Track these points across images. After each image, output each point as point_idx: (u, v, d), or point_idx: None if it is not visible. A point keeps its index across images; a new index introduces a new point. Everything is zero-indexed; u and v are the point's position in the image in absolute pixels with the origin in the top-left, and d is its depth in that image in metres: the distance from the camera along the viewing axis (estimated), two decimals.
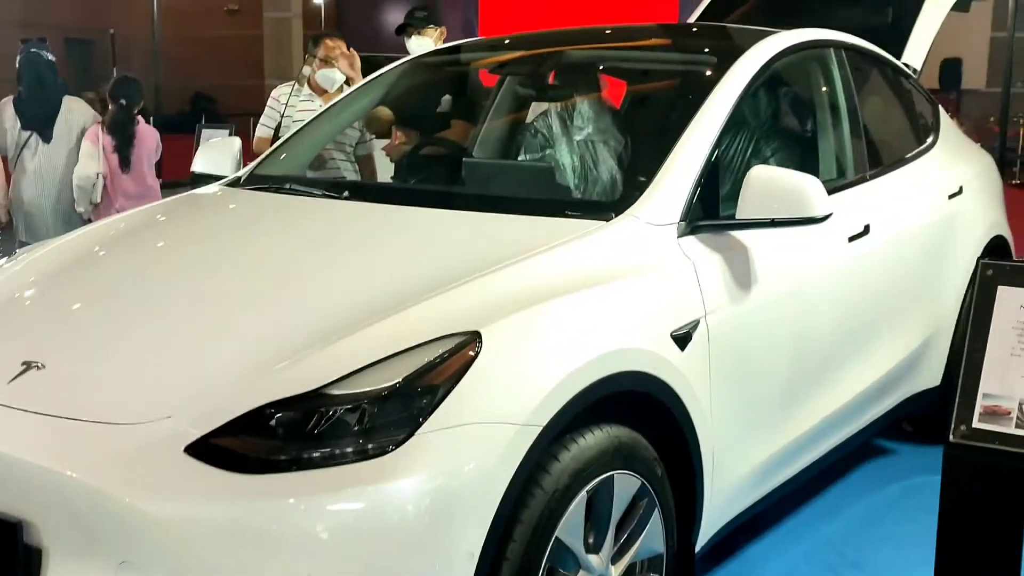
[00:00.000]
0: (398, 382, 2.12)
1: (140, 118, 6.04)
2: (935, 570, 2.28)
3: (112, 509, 2.05)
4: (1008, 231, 4.65)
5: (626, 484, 2.47)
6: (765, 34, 3.50)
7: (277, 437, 2.10)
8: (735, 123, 3.18)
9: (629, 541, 2.53)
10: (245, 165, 3.73)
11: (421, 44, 5.37)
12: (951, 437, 2.22)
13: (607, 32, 4.18)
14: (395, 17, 25.82)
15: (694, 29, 4.54)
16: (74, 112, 5.92)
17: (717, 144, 3.01)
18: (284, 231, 3.01)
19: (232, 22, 26.21)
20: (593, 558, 2.41)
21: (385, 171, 4.98)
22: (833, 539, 3.61)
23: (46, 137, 5.79)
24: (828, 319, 3.36)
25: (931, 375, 4.15)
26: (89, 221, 5.60)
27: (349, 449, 2.07)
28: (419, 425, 2.09)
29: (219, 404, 2.13)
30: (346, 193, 3.26)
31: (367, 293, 2.44)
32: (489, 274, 2.44)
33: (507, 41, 4.30)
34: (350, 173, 5.03)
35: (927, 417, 4.30)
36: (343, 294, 2.47)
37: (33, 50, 5.97)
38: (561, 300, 2.40)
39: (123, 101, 5.94)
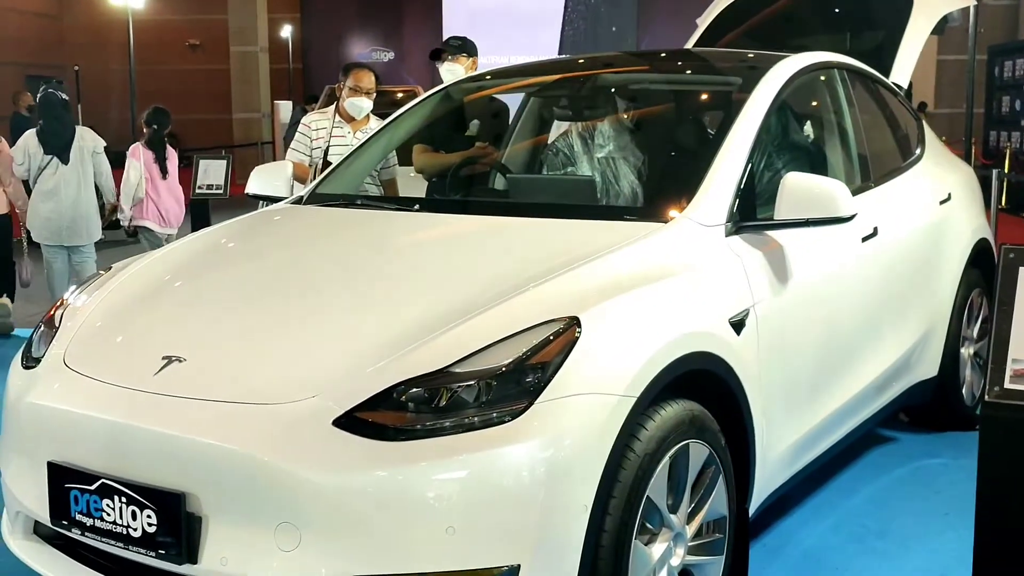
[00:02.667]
0: (512, 360, 2.44)
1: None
2: (976, 519, 2.60)
3: (271, 477, 2.34)
4: (990, 235, 5.07)
5: (698, 452, 2.79)
6: (780, 58, 3.88)
7: (410, 410, 2.40)
8: (761, 136, 3.53)
9: (700, 503, 2.86)
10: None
11: (452, 70, 5.69)
12: (986, 397, 2.56)
13: (641, 56, 4.55)
14: (358, 48, 26.29)
15: (715, 54, 4.92)
16: (86, 139, 7.37)
17: (751, 154, 3.37)
18: (377, 237, 3.33)
19: (197, 57, 26.42)
20: (674, 517, 2.74)
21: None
22: (855, 513, 3.95)
23: (64, 160, 7.22)
24: (848, 311, 3.72)
25: (929, 366, 4.52)
26: (115, 220, 7.81)
27: (475, 419, 2.37)
28: (534, 397, 2.40)
29: (358, 384, 2.43)
30: (417, 206, 3.58)
31: (471, 286, 2.76)
32: (576, 268, 2.77)
33: (539, 67, 4.64)
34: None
35: (925, 406, 4.69)
36: (452, 287, 2.79)
37: (50, 90, 7.40)
38: (642, 289, 2.74)
39: (155, 126, 7.98)
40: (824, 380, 3.58)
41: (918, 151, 4.75)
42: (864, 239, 3.83)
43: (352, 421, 2.37)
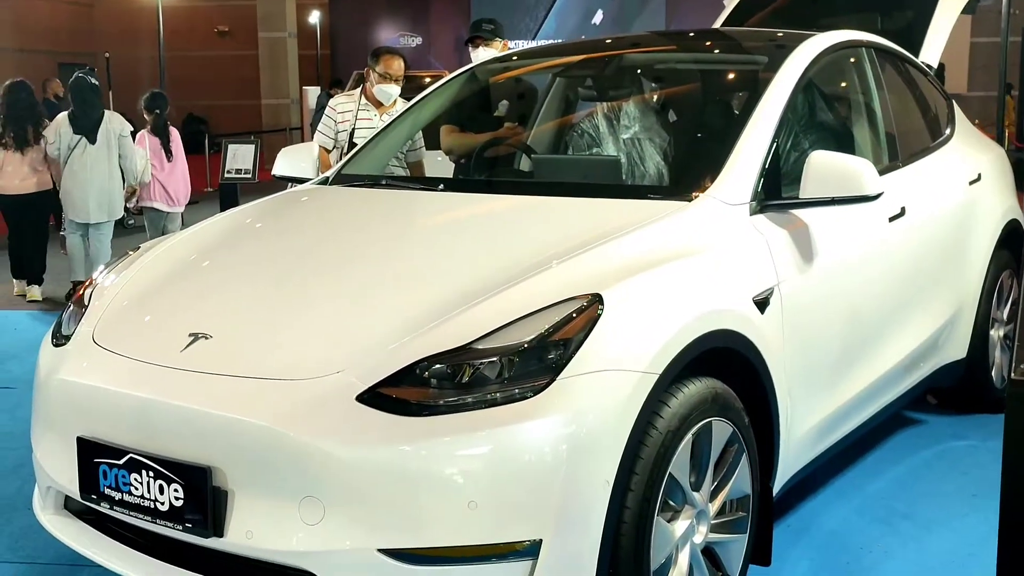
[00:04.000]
0: (534, 337, 2.44)
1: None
2: (1001, 499, 2.58)
3: (295, 452, 2.36)
4: (1021, 215, 5.01)
5: (721, 430, 2.79)
6: (807, 36, 3.85)
7: (432, 386, 2.41)
8: (787, 115, 3.51)
9: (723, 481, 2.86)
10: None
11: (487, 55, 5.70)
12: (1012, 375, 2.54)
13: (668, 36, 4.53)
14: (386, 34, 26.30)
15: (741, 32, 4.89)
16: (113, 122, 7.93)
17: (776, 133, 3.35)
18: (401, 216, 3.35)
19: (226, 43, 26.53)
20: (696, 495, 2.74)
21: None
22: (880, 496, 3.94)
23: (92, 140, 7.79)
24: (874, 291, 3.70)
25: (957, 348, 4.49)
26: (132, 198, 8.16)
27: (498, 395, 2.38)
28: (557, 373, 2.41)
29: (381, 360, 2.45)
30: (441, 186, 3.59)
31: (494, 264, 2.77)
32: (600, 246, 2.78)
33: (566, 47, 4.64)
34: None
35: (953, 388, 4.65)
36: (476, 265, 2.81)
37: (80, 75, 7.99)
38: (665, 267, 2.74)
39: (157, 111, 8.27)
40: (849, 360, 3.56)
41: (948, 131, 4.70)
42: (891, 219, 3.80)
43: (375, 396, 2.39)
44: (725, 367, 2.86)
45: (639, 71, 4.15)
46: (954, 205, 4.37)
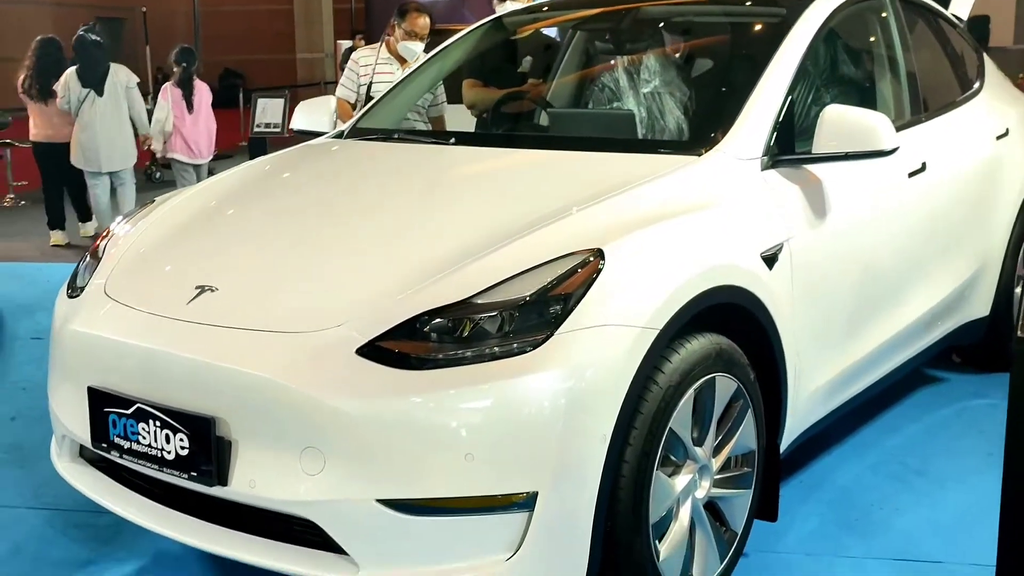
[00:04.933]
0: (534, 292, 2.45)
1: (195, 76, 8.76)
2: (1005, 456, 2.56)
3: (295, 403, 2.39)
4: None
5: (725, 386, 2.79)
6: None
7: (432, 340, 2.43)
8: (804, 68, 3.46)
9: (727, 437, 2.86)
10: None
11: (512, 7, 5.65)
12: (1018, 333, 2.51)
13: None
14: None
15: None
16: (119, 75, 8.44)
17: (792, 86, 3.30)
18: (410, 170, 3.36)
19: None
20: (698, 450, 2.74)
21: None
22: (895, 452, 3.92)
23: (99, 92, 8.30)
24: (890, 248, 3.65)
25: (981, 305, 4.43)
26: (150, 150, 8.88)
27: (496, 349, 2.39)
28: (555, 328, 2.41)
29: (381, 314, 2.47)
30: (452, 139, 3.59)
31: (498, 218, 2.77)
32: (604, 200, 2.77)
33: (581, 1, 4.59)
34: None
35: (976, 346, 4.60)
36: (479, 219, 2.81)
37: (82, 32, 8.48)
38: (669, 222, 2.72)
39: (184, 64, 8.71)
40: (864, 317, 3.53)
41: (977, 84, 4.61)
42: (911, 174, 3.75)
43: (375, 350, 2.41)
44: (732, 323, 2.85)
45: (659, 23, 4.09)
46: (979, 160, 4.29)
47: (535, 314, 2.43)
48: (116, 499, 2.80)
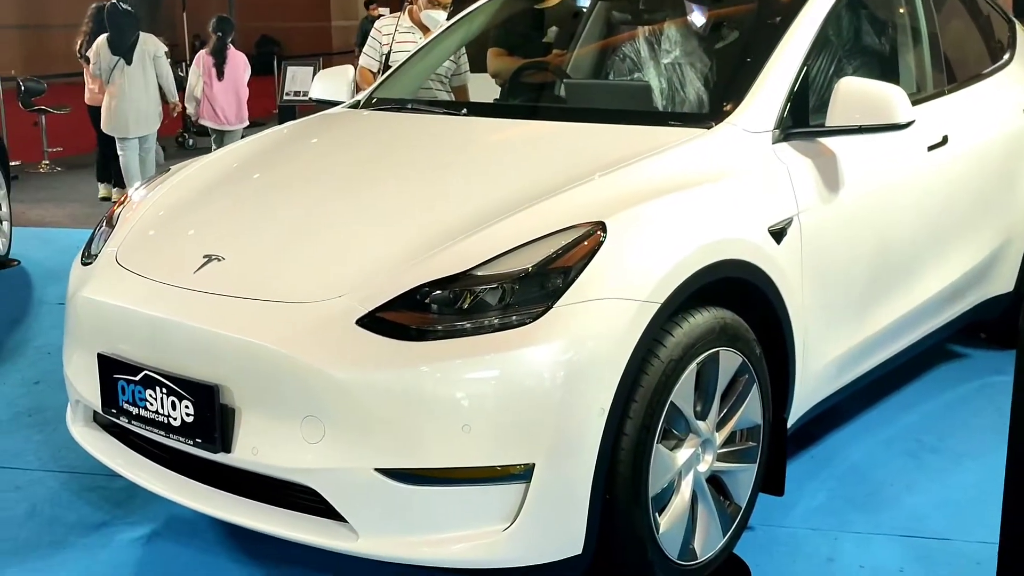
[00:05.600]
0: (534, 264, 2.45)
1: (231, 45, 9.06)
2: (1010, 435, 2.54)
3: (296, 372, 2.41)
4: None
5: (729, 360, 2.78)
6: None
7: (432, 311, 2.44)
8: (822, 39, 3.41)
9: (731, 411, 2.85)
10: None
11: None
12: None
13: None
14: None
15: None
16: (147, 44, 8.75)
17: (807, 59, 3.26)
18: (419, 141, 3.36)
19: None
20: (701, 423, 2.74)
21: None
22: (911, 428, 3.90)
23: (128, 61, 8.61)
24: (907, 223, 3.61)
25: (1004, 281, 4.37)
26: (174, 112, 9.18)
27: (495, 320, 2.40)
28: (555, 301, 2.41)
29: (383, 285, 2.48)
30: (464, 110, 3.58)
31: (502, 190, 2.77)
32: (609, 173, 2.76)
33: None
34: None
35: (1000, 322, 4.54)
36: (481, 191, 2.81)
37: (113, 2, 8.74)
38: (673, 195, 2.70)
39: (219, 33, 9.02)
40: (878, 292, 3.49)
41: (1006, 56, 4.52)
42: (931, 147, 3.69)
43: (375, 321, 2.43)
44: (739, 297, 2.84)
45: None
46: (1005, 134, 4.22)
47: (536, 286, 2.44)
48: (127, 464, 2.86)
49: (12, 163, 8.86)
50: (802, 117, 3.18)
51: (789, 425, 3.13)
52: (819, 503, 3.32)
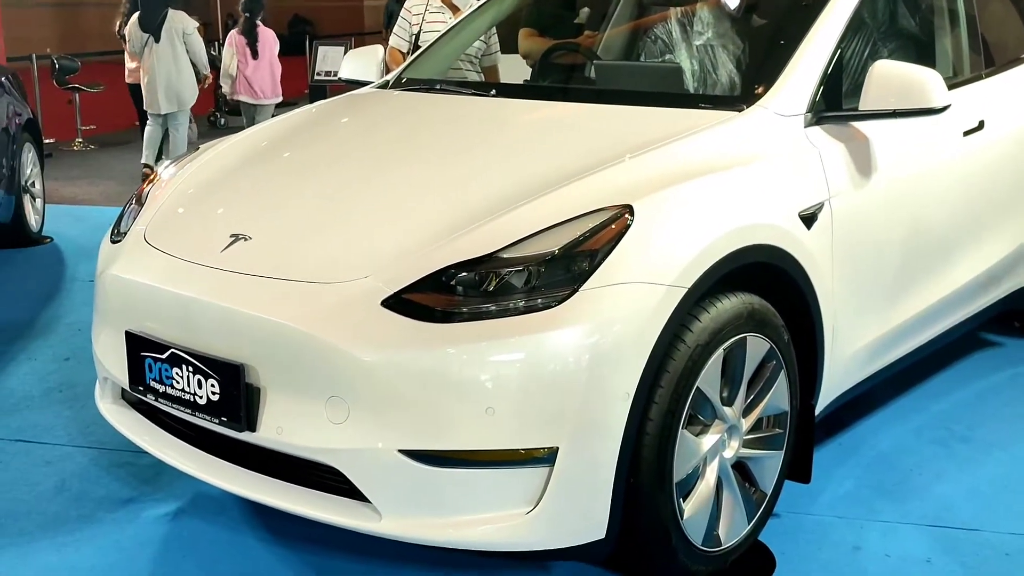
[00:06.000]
0: (560, 247, 2.43)
1: (260, 24, 9.31)
2: None
3: (320, 353, 2.41)
4: None
5: (757, 346, 2.75)
6: None
7: (457, 293, 2.43)
8: (856, 21, 3.36)
9: (758, 398, 2.83)
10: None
11: None
12: None
13: None
14: None
15: None
16: (175, 21, 8.82)
17: (841, 41, 3.21)
18: (447, 122, 3.35)
19: None
20: (727, 409, 2.72)
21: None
22: (942, 417, 3.85)
23: (157, 39, 8.75)
24: (941, 209, 3.56)
25: None
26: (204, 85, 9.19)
27: (520, 303, 2.38)
28: (580, 284, 2.39)
29: (408, 266, 2.47)
30: (493, 91, 3.56)
31: (529, 172, 2.75)
32: (638, 155, 2.73)
33: None
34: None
35: None
36: (508, 173, 2.79)
37: None
38: (702, 179, 2.67)
39: (247, 14, 9.22)
40: (910, 279, 3.45)
41: None
42: (966, 133, 3.63)
43: (400, 302, 2.42)
44: (768, 283, 2.81)
45: None
46: None
47: (561, 269, 2.42)
48: (154, 441, 2.88)
49: (46, 141, 8.98)
50: (835, 101, 3.13)
51: (817, 412, 3.10)
52: (846, 491, 3.29)
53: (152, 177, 3.40)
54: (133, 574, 2.86)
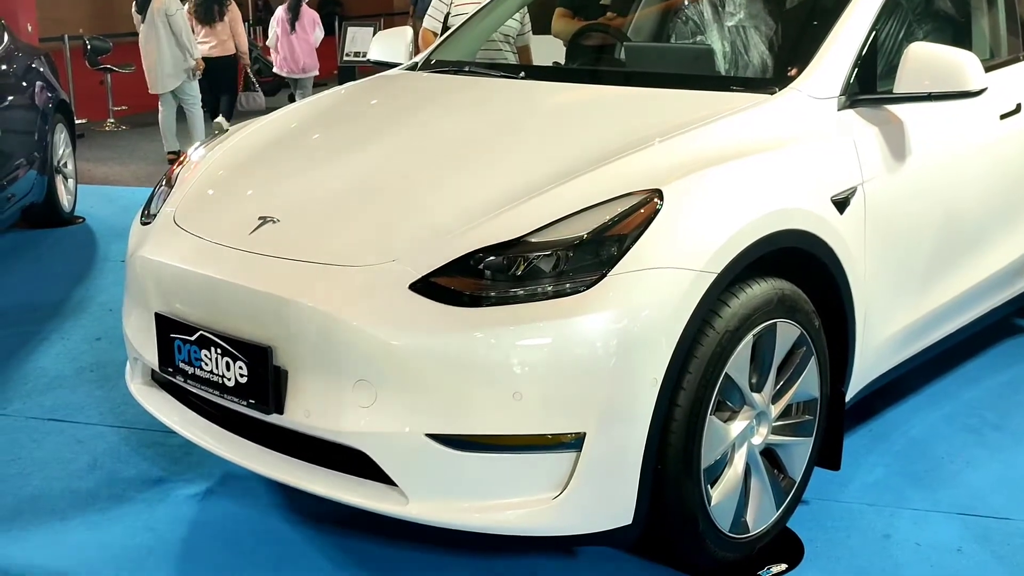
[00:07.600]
0: (589, 232, 2.41)
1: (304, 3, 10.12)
2: None
3: (348, 336, 2.41)
4: None
5: (787, 332, 2.72)
6: None
7: (485, 277, 2.42)
8: (891, 3, 3.30)
9: (788, 384, 2.80)
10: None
11: None
12: None
13: None
14: None
15: None
16: (159, 2, 8.70)
17: (875, 23, 3.16)
18: (476, 105, 3.33)
19: None
20: (756, 396, 2.70)
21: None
22: (974, 404, 3.81)
23: (144, 18, 8.86)
24: (977, 194, 3.51)
25: None
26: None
27: (549, 288, 2.37)
28: (609, 269, 2.37)
29: (436, 250, 2.46)
30: (522, 73, 3.54)
31: (558, 156, 2.73)
32: (668, 139, 2.70)
33: None
34: (511, 61, 5.30)
35: None
36: (537, 156, 2.77)
37: None
38: (733, 163, 2.64)
39: None
40: (944, 264, 3.41)
41: None
42: (1003, 116, 3.57)
43: (427, 286, 2.42)
44: (799, 268, 2.78)
45: None
46: None
47: (590, 254, 2.40)
48: (183, 422, 2.89)
49: (78, 121, 9.04)
50: (869, 83, 3.09)
51: (847, 399, 3.07)
52: (876, 478, 3.26)
53: (182, 159, 3.40)
54: (163, 553, 2.89)
